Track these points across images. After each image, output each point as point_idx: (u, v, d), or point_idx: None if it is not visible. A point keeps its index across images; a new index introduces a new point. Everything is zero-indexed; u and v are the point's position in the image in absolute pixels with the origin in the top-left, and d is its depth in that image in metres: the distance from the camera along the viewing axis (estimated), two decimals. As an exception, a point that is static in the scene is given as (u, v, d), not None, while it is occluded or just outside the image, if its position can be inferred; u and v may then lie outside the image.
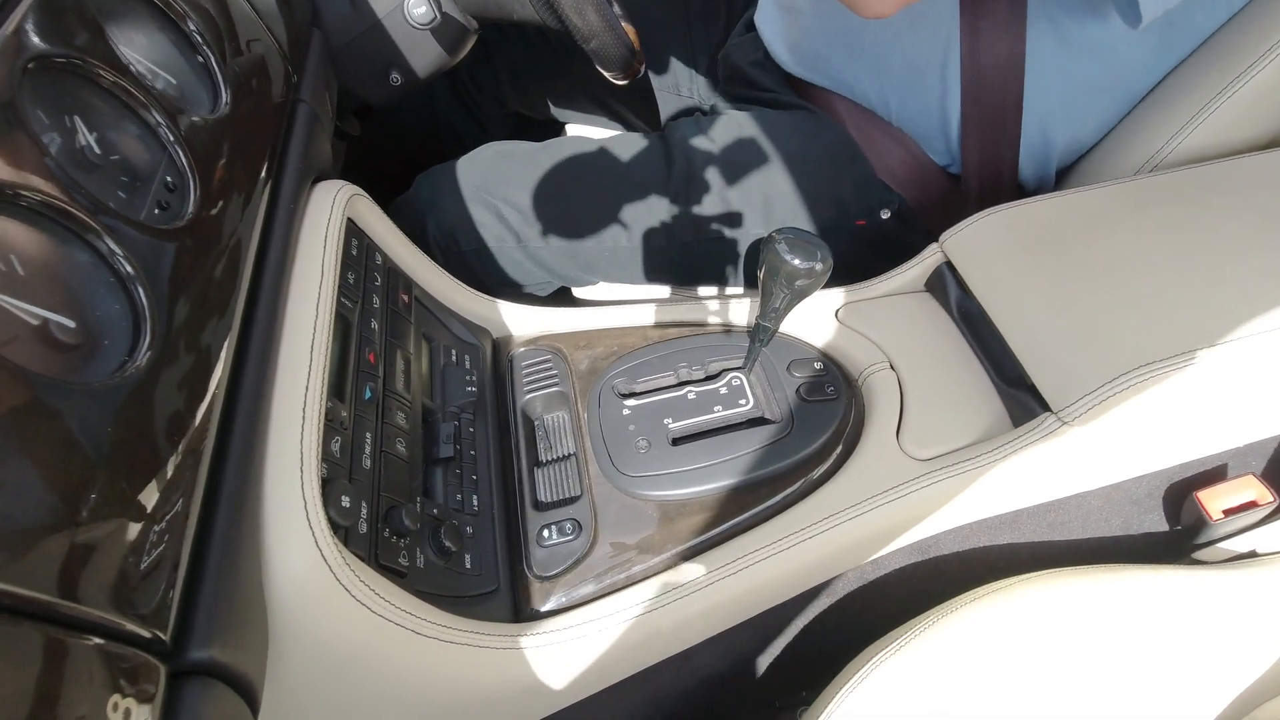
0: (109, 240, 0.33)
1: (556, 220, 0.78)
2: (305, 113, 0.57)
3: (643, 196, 0.78)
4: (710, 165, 0.78)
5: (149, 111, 0.40)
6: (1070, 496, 0.61)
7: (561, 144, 0.82)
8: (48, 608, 0.25)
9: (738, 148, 0.79)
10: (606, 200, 0.78)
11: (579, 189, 0.78)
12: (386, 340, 0.53)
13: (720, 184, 0.78)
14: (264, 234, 0.46)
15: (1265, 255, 0.58)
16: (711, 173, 0.78)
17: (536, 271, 0.81)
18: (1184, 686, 0.50)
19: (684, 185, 0.78)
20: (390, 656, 0.41)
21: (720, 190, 0.78)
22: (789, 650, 0.61)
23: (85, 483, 0.28)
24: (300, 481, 0.39)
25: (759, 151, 0.79)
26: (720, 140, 0.79)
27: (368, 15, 0.70)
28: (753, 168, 0.78)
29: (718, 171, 0.78)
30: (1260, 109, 0.68)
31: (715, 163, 0.78)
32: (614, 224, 0.78)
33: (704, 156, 0.79)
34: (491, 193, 0.78)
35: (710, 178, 0.78)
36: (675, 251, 0.80)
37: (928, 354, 0.62)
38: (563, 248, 0.79)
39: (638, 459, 0.55)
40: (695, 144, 0.79)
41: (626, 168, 0.79)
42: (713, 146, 0.79)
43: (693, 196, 0.78)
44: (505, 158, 0.80)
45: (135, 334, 0.33)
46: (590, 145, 0.81)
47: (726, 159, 0.78)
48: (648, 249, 0.79)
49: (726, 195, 0.78)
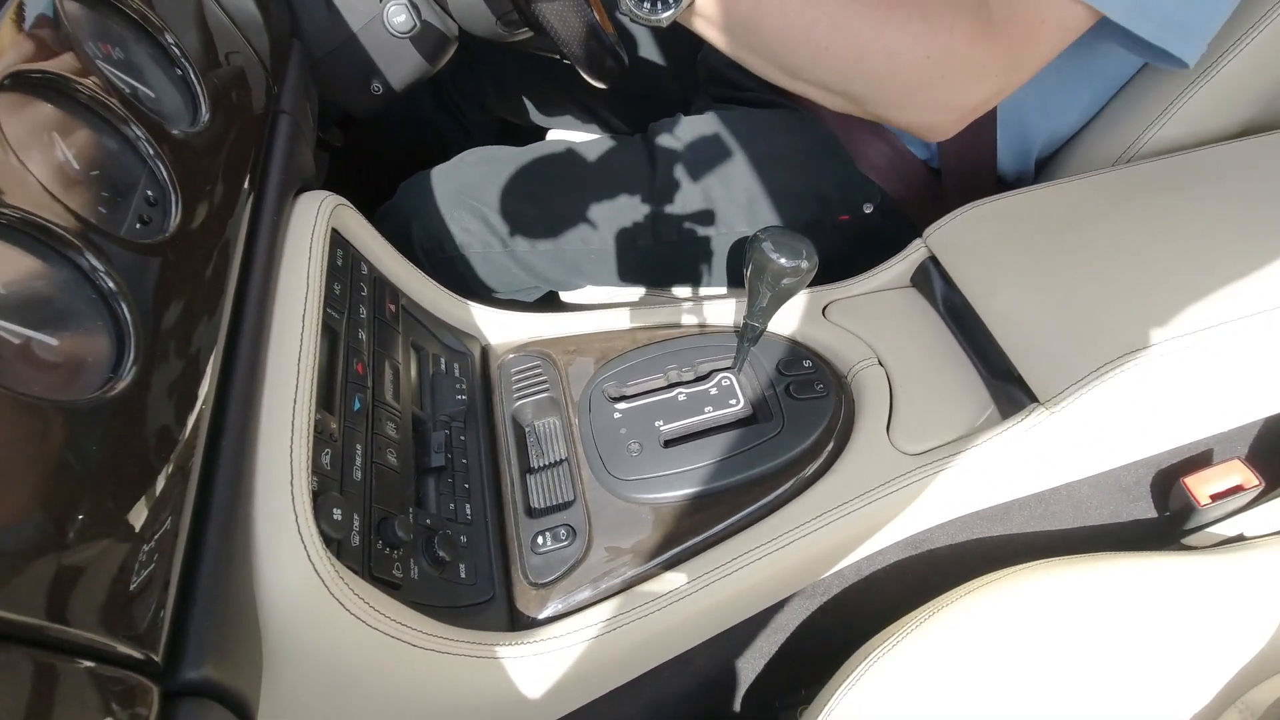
0: (90, 256, 0.33)
1: (542, 224, 0.78)
2: (287, 124, 0.56)
3: (627, 199, 0.78)
4: (693, 166, 0.79)
5: (128, 126, 0.39)
6: (1060, 486, 0.62)
7: (545, 148, 0.82)
8: (36, 632, 0.24)
9: (720, 147, 0.79)
10: (591, 203, 0.78)
11: (563, 193, 0.78)
12: (374, 350, 0.52)
13: (704, 184, 0.78)
14: (248, 247, 0.46)
15: (1243, 241, 0.59)
16: (695, 173, 0.78)
17: (523, 276, 0.81)
18: (1177, 671, 0.51)
19: (667, 186, 0.78)
20: (387, 669, 0.41)
21: (704, 190, 0.78)
22: (787, 649, 0.61)
23: (72, 503, 0.27)
24: (291, 495, 0.38)
25: (741, 150, 0.79)
26: (702, 140, 0.80)
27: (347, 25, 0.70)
28: (735, 167, 0.79)
29: (701, 172, 0.78)
30: (1231, 99, 0.69)
31: (698, 163, 0.79)
32: (598, 227, 0.78)
33: (687, 157, 0.79)
34: (476, 198, 0.78)
35: (693, 178, 0.78)
36: (661, 253, 0.80)
37: (915, 349, 0.63)
38: (549, 252, 0.79)
39: (630, 462, 0.55)
40: (677, 145, 0.80)
41: (610, 170, 0.79)
42: (695, 147, 0.79)
43: (676, 197, 0.78)
44: (489, 163, 0.80)
45: (119, 351, 0.33)
46: (574, 149, 0.81)
47: (709, 159, 0.79)
48: (633, 251, 0.80)
49: (710, 195, 0.78)
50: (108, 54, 0.42)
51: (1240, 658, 0.51)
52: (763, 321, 0.54)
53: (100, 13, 0.44)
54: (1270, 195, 0.63)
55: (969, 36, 0.52)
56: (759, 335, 0.56)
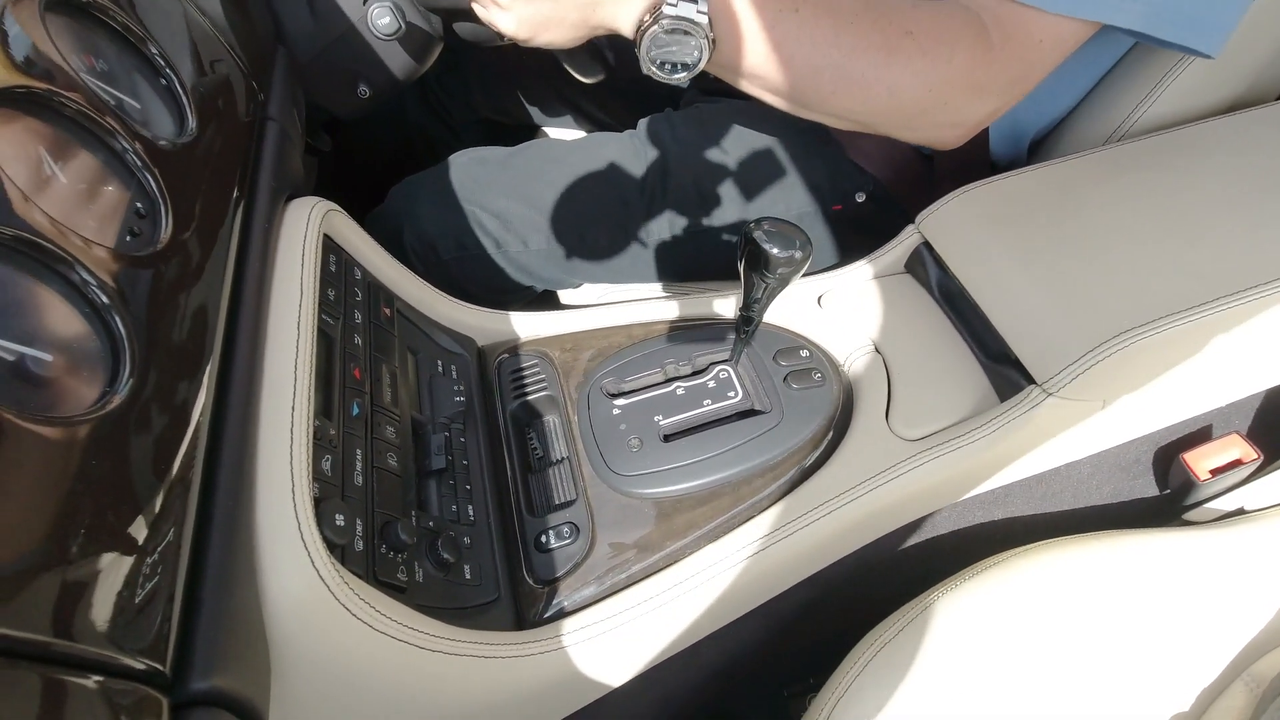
0: (81, 271, 0.33)
1: (534, 224, 0.78)
2: (274, 130, 0.56)
3: (619, 195, 0.78)
4: (684, 159, 0.78)
5: (115, 138, 0.39)
6: (1060, 467, 0.62)
7: (535, 147, 0.81)
8: (43, 648, 0.24)
9: (710, 140, 0.79)
10: (583, 201, 0.78)
11: (555, 191, 0.78)
12: (371, 355, 0.52)
13: (695, 178, 0.78)
14: (240, 255, 0.46)
15: (1235, 217, 0.59)
16: (686, 167, 0.78)
17: (517, 276, 0.81)
18: (1182, 647, 0.51)
19: (659, 181, 0.78)
20: (395, 673, 0.41)
21: (695, 184, 0.78)
22: (794, 638, 0.61)
23: (73, 518, 0.27)
24: (292, 502, 0.38)
25: (732, 143, 0.79)
26: (692, 134, 0.79)
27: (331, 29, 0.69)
28: (727, 159, 0.78)
29: (692, 165, 0.78)
30: (1220, 75, 0.69)
31: (689, 157, 0.78)
32: (591, 224, 0.78)
33: (677, 151, 0.79)
34: (468, 199, 0.78)
35: (685, 172, 0.78)
36: (654, 248, 0.80)
37: (911, 335, 0.63)
38: (542, 251, 0.79)
39: (631, 458, 0.55)
40: (668, 139, 0.79)
41: (601, 167, 0.79)
42: (685, 141, 0.79)
43: (668, 192, 0.78)
44: (479, 164, 0.80)
45: (115, 364, 0.33)
46: (564, 147, 0.81)
47: (700, 152, 0.79)
48: (626, 247, 0.79)
49: (702, 188, 0.78)
50: (92, 66, 0.42)
51: (1245, 631, 0.52)
52: (758, 312, 0.54)
53: (83, 25, 0.43)
54: (1261, 168, 0.63)
55: (967, 65, 0.53)
56: (755, 326, 0.56)
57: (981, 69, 0.54)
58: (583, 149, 0.80)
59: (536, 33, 0.58)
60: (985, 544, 0.61)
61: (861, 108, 0.56)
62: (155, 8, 0.49)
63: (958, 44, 0.53)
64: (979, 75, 0.54)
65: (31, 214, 0.32)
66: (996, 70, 0.54)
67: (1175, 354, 0.54)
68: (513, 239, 0.78)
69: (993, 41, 0.54)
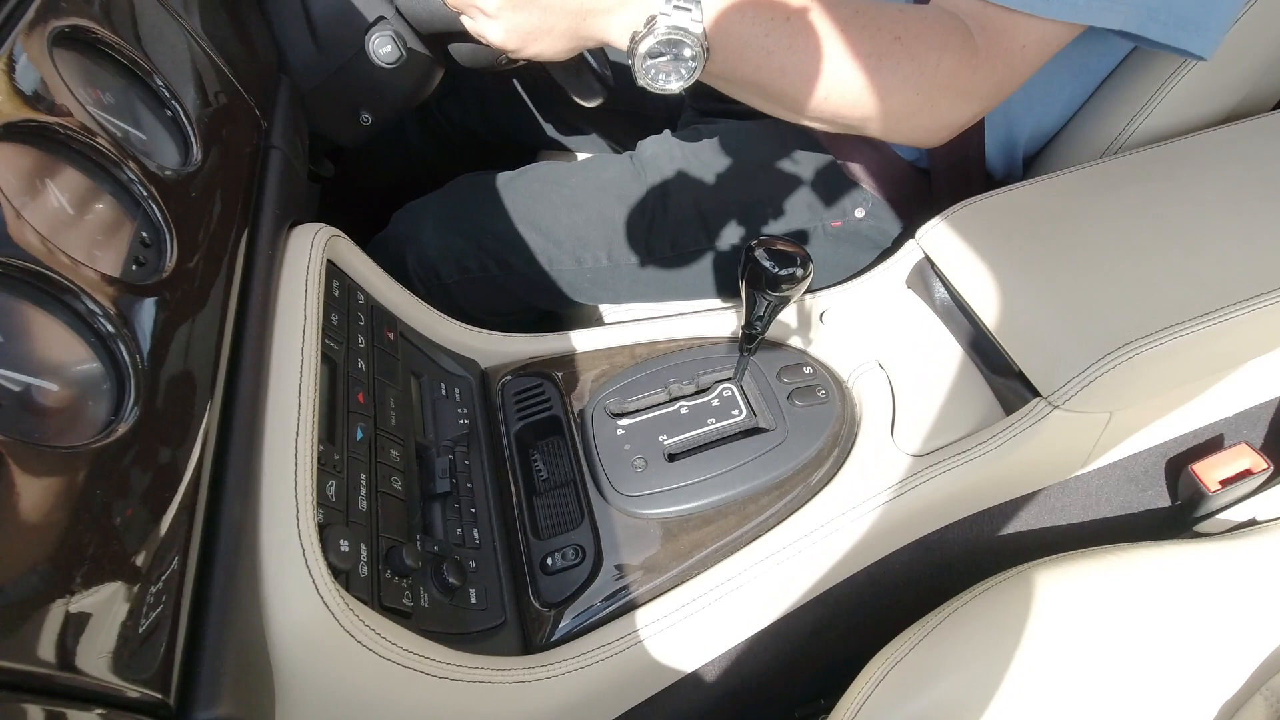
0: (87, 300, 0.33)
1: (535, 246, 0.78)
2: (277, 159, 0.57)
3: (619, 216, 0.79)
4: (683, 179, 0.79)
5: (121, 169, 0.40)
6: (1068, 480, 0.61)
7: (535, 170, 0.82)
8: (46, 680, 0.24)
9: (709, 160, 0.79)
10: (583, 223, 0.78)
11: (555, 213, 0.79)
12: (375, 379, 0.52)
13: (694, 197, 0.79)
14: (244, 282, 0.46)
15: (1237, 226, 0.59)
16: (685, 187, 0.79)
17: (520, 298, 0.81)
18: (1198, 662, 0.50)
19: (659, 201, 0.78)
20: (401, 700, 0.40)
21: (695, 203, 0.78)
22: (804, 658, 0.60)
23: (77, 548, 0.27)
24: (297, 529, 0.38)
25: (730, 162, 0.79)
26: (691, 154, 0.80)
27: (334, 58, 0.70)
28: (725, 179, 0.79)
29: (691, 185, 0.79)
30: (1215, 86, 0.69)
31: (688, 177, 0.79)
32: (592, 246, 0.79)
33: (677, 171, 0.79)
34: (469, 223, 0.78)
35: (684, 192, 0.79)
36: (655, 268, 0.80)
37: (914, 350, 0.63)
38: (544, 273, 0.79)
39: (635, 478, 0.55)
40: (667, 160, 0.80)
41: (601, 189, 0.79)
42: (684, 161, 0.80)
43: (669, 212, 0.78)
44: (480, 188, 0.81)
45: (120, 393, 0.33)
46: (564, 170, 0.82)
47: (699, 172, 0.79)
48: (628, 268, 0.80)
49: (702, 208, 0.78)
50: (98, 99, 0.43)
51: (1262, 644, 0.51)
52: (761, 330, 0.54)
53: (90, 59, 0.44)
54: (1260, 177, 0.63)
55: (954, 69, 0.54)
56: (758, 344, 0.56)
57: (967, 74, 0.55)
58: (583, 171, 0.81)
59: (525, 43, 0.57)
60: (995, 559, 0.61)
61: (852, 112, 0.56)
62: (161, 40, 0.50)
63: (945, 49, 0.54)
64: (965, 79, 0.55)
65: (38, 244, 0.32)
66: (982, 74, 0.55)
67: (1180, 364, 0.54)
68: (514, 261, 0.79)
69: (978, 46, 0.54)
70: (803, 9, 0.53)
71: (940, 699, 0.48)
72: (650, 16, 0.52)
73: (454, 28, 0.66)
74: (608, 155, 0.83)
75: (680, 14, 0.51)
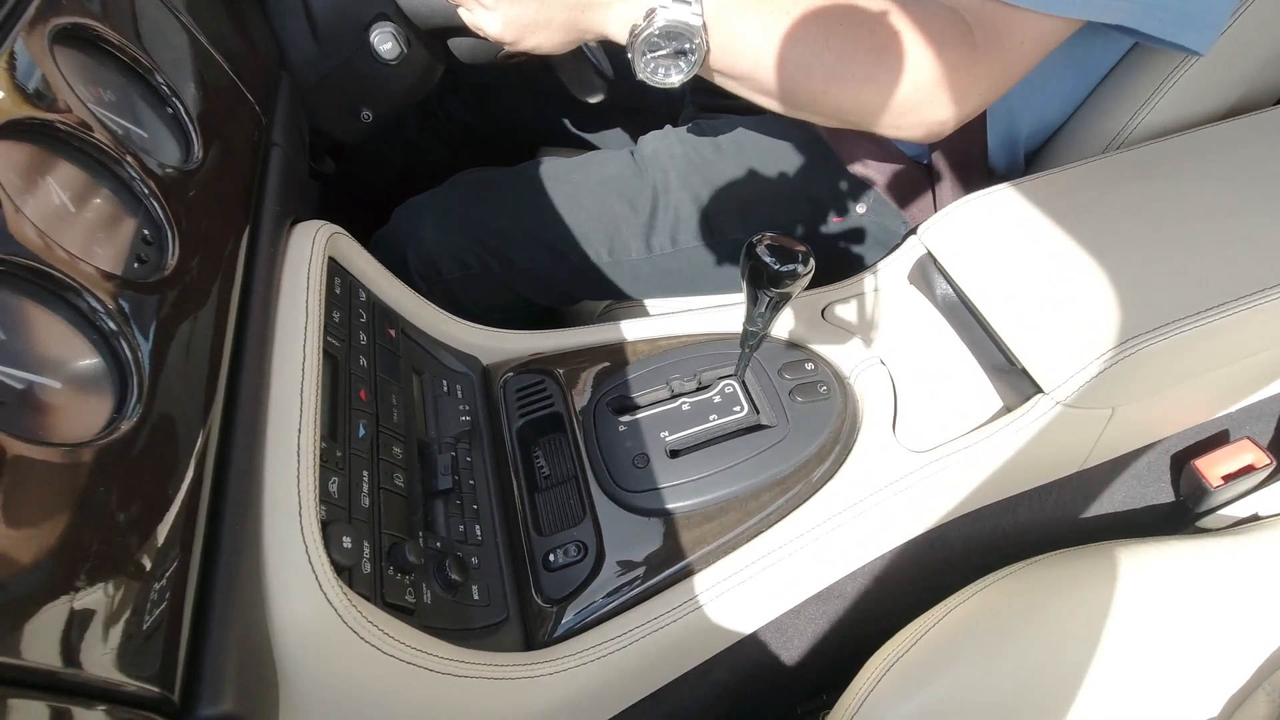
0: (89, 298, 0.33)
1: (536, 243, 0.78)
2: (278, 156, 0.57)
3: (620, 212, 0.79)
4: (684, 176, 0.79)
5: (122, 167, 0.40)
6: (1071, 475, 0.61)
7: (535, 166, 0.82)
8: (50, 677, 0.24)
9: (709, 156, 0.79)
10: (584, 219, 0.78)
11: (556, 210, 0.79)
12: (377, 376, 0.52)
13: (695, 194, 0.78)
14: (246, 279, 0.46)
15: (1239, 221, 0.59)
16: (685, 183, 0.79)
17: (521, 294, 0.81)
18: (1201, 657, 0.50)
19: (660, 198, 0.78)
20: (404, 696, 0.41)
21: (696, 200, 0.78)
22: (806, 654, 0.61)
23: (81, 546, 0.27)
24: (299, 526, 0.38)
25: (730, 158, 0.79)
26: (691, 151, 0.80)
27: (334, 55, 0.70)
28: (726, 174, 0.79)
29: (692, 181, 0.79)
30: (1217, 81, 0.69)
31: (688, 173, 0.79)
32: (593, 242, 0.79)
33: (677, 168, 0.79)
34: (470, 220, 0.78)
35: (685, 188, 0.78)
36: (657, 265, 0.80)
37: (916, 346, 0.63)
38: (544, 269, 0.79)
39: (637, 475, 0.55)
40: (667, 156, 0.80)
41: (601, 186, 0.79)
42: (686, 157, 0.80)
43: (669, 208, 0.78)
44: (480, 184, 0.81)
45: (122, 390, 0.33)
46: (564, 166, 0.82)
47: (699, 169, 0.79)
48: (629, 264, 0.80)
49: (702, 204, 0.78)
50: (99, 96, 0.43)
51: (1265, 639, 0.51)
52: (763, 327, 0.54)
53: (91, 57, 0.44)
54: (1263, 172, 0.63)
55: (952, 66, 0.54)
56: (760, 341, 0.56)
57: (965, 70, 0.55)
58: (583, 167, 0.81)
59: (523, 35, 0.57)
60: (998, 555, 0.61)
61: (852, 106, 0.56)
62: (161, 38, 0.50)
63: (944, 44, 0.54)
64: (963, 74, 0.55)
65: (40, 242, 0.32)
66: (981, 70, 0.55)
67: (1183, 360, 0.54)
68: (515, 258, 0.78)
69: (976, 41, 0.54)
70: (801, 2, 0.53)
71: (943, 694, 0.48)
72: (649, 10, 0.52)
73: (454, 23, 0.66)
74: (609, 151, 0.83)
75: (679, 7, 0.51)
